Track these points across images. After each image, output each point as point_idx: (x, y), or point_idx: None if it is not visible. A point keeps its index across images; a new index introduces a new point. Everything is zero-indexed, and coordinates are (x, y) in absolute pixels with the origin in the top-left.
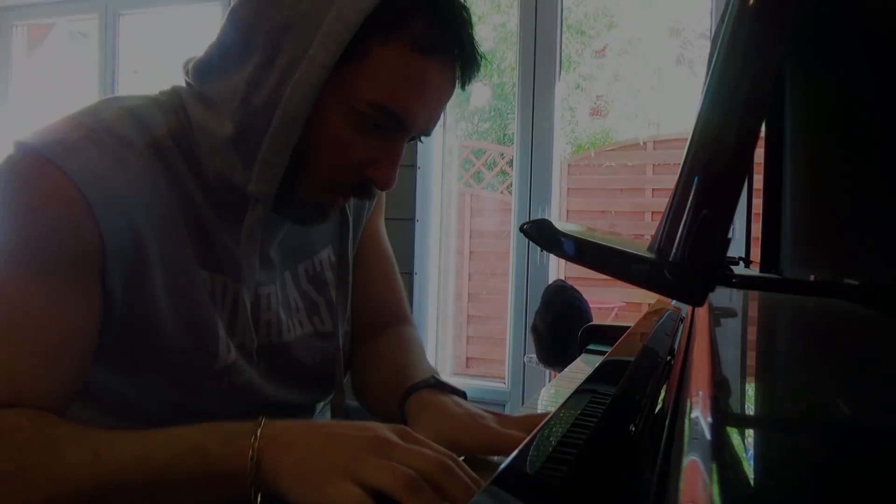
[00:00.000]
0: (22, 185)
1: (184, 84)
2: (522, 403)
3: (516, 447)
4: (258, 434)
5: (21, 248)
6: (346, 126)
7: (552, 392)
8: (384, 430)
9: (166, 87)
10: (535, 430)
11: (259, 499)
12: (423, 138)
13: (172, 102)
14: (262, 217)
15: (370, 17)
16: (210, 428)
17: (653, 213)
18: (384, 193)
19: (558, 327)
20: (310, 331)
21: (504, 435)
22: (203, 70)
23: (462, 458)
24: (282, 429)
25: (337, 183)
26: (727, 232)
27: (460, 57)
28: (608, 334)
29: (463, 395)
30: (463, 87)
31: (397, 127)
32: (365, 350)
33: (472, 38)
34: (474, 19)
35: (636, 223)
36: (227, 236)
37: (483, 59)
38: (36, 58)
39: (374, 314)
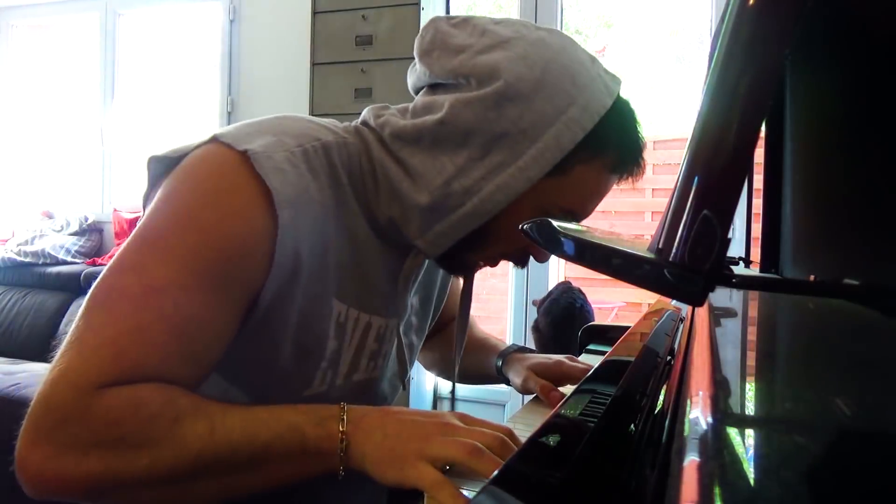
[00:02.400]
0: (220, 185)
1: (363, 125)
2: (522, 403)
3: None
4: (345, 419)
5: (201, 248)
6: (528, 214)
7: None
8: (448, 416)
9: (350, 125)
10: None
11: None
12: None
13: (359, 147)
14: (421, 266)
15: (581, 140)
16: (304, 409)
17: (653, 213)
18: None
19: (559, 327)
20: (395, 370)
21: (572, 367)
22: (408, 139)
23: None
24: (362, 414)
25: (502, 256)
26: (727, 232)
27: (635, 172)
28: (608, 334)
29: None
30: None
31: (570, 220)
32: (444, 332)
33: (644, 158)
34: (643, 136)
35: (636, 223)
36: (381, 274)
37: (644, 164)
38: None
39: (451, 304)
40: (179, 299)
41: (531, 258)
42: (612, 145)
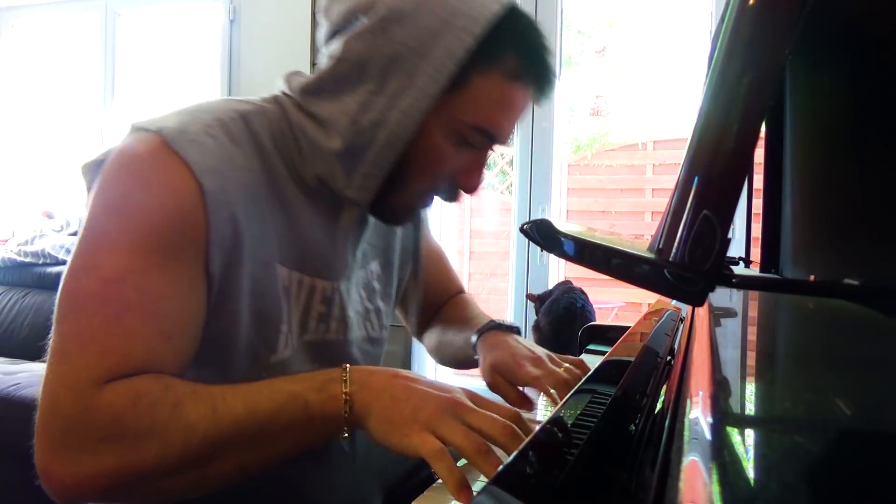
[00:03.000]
0: (145, 166)
1: (281, 94)
2: None
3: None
4: (347, 380)
5: (141, 229)
6: (446, 143)
7: (552, 392)
8: (460, 394)
9: (268, 96)
10: (501, 433)
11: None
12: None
13: (276, 111)
14: (357, 218)
15: (472, 51)
16: (303, 378)
17: (653, 213)
18: (425, 218)
19: (560, 327)
20: (363, 334)
21: (530, 376)
22: (312, 90)
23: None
24: (367, 374)
25: (431, 190)
26: (727, 232)
27: (541, 81)
28: (608, 334)
29: (518, 331)
30: (538, 102)
31: (487, 142)
32: (434, 316)
33: (552, 66)
34: (550, 45)
35: (636, 223)
36: (319, 233)
37: (557, 80)
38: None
39: (436, 294)
40: (138, 283)
41: (462, 192)
42: (508, 50)
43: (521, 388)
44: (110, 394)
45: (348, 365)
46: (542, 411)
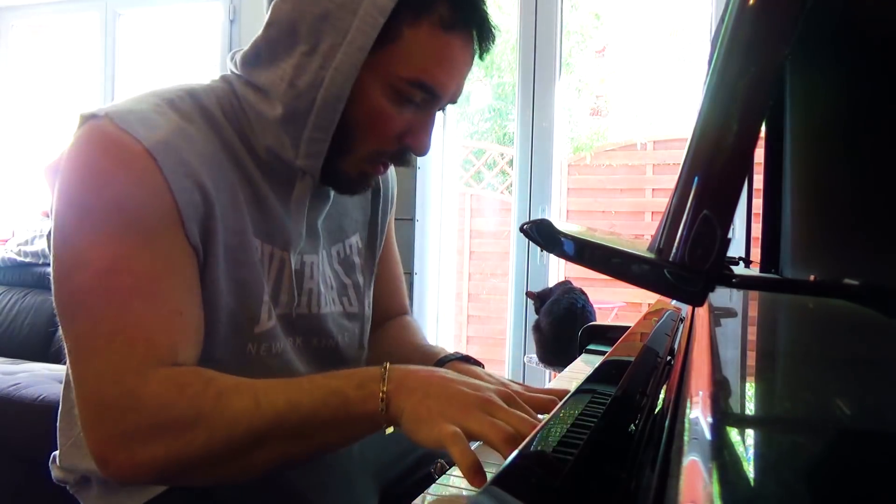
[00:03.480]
0: (98, 151)
1: (230, 73)
2: None
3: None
4: (386, 378)
5: (113, 215)
6: (385, 101)
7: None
8: (492, 393)
9: (217, 76)
10: (532, 432)
11: (388, 430)
12: (448, 106)
13: (224, 88)
14: (311, 188)
15: (400, 1)
16: (344, 374)
17: (653, 213)
18: (395, 197)
19: (560, 327)
20: (339, 309)
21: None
22: (250, 60)
23: None
24: (405, 374)
25: (379, 153)
26: (727, 232)
27: (479, 31)
28: (608, 334)
29: (481, 366)
30: (481, 57)
31: (430, 98)
32: (379, 333)
33: (488, 14)
34: None
35: (636, 223)
36: (278, 206)
37: (497, 31)
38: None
39: (386, 305)
40: (131, 268)
41: (412, 154)
42: (439, 0)
43: None
44: (155, 385)
45: (388, 363)
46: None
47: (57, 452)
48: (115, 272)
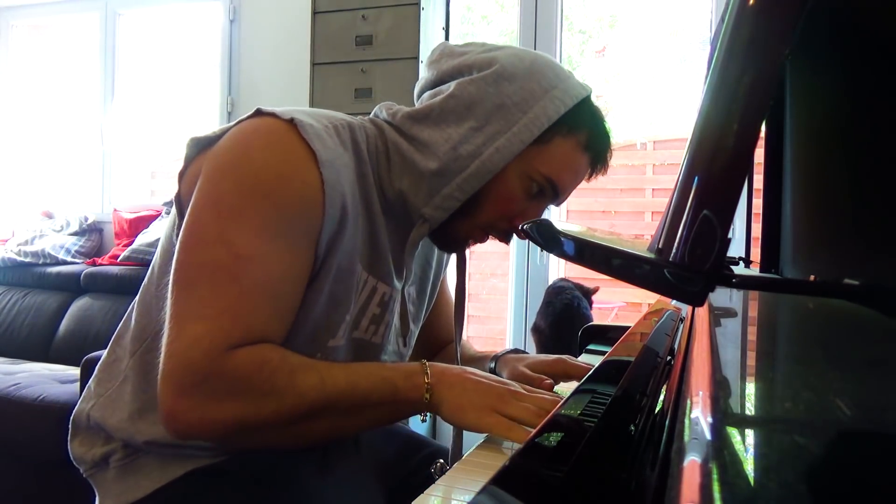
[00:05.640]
0: (278, 147)
1: (380, 120)
2: None
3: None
4: (428, 373)
5: (272, 212)
6: (519, 186)
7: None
8: (515, 385)
9: (364, 117)
10: (537, 427)
11: (426, 418)
12: (554, 205)
13: (373, 130)
14: (425, 234)
15: (562, 116)
16: (391, 366)
17: (653, 213)
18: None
19: (560, 327)
20: (395, 347)
21: (571, 363)
22: (419, 117)
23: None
24: (443, 370)
25: (492, 226)
26: (727, 232)
27: (600, 158)
28: (608, 334)
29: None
30: (589, 177)
31: (551, 195)
32: (441, 355)
33: (610, 149)
34: (603, 122)
35: (636, 223)
36: (386, 242)
37: (607, 161)
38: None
39: (443, 334)
40: (266, 263)
41: (514, 235)
42: (586, 126)
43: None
44: (239, 359)
45: (425, 360)
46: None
47: (83, 407)
48: (251, 262)
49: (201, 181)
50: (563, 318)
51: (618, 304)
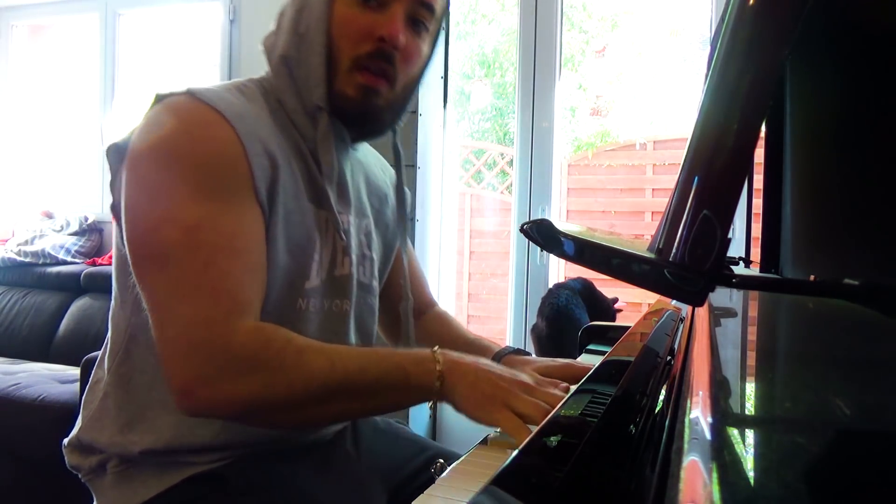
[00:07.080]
0: (184, 119)
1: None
2: None
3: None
4: (440, 360)
5: (199, 176)
6: (350, 8)
7: None
8: (527, 377)
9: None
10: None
11: (436, 405)
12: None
13: (268, 78)
14: (329, 124)
15: None
16: (405, 353)
17: (653, 213)
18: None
19: (558, 327)
20: (356, 276)
21: (579, 367)
22: (269, 44)
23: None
24: (455, 358)
25: (360, 57)
26: (727, 232)
27: None
28: (608, 334)
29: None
30: None
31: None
32: (420, 327)
33: None
34: None
35: (636, 223)
36: (321, 172)
37: None
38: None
39: (416, 297)
40: (215, 226)
41: (390, 47)
42: None
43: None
44: (243, 335)
45: (437, 347)
46: None
47: (73, 433)
48: (201, 229)
49: (125, 176)
50: (550, 319)
51: (618, 304)
